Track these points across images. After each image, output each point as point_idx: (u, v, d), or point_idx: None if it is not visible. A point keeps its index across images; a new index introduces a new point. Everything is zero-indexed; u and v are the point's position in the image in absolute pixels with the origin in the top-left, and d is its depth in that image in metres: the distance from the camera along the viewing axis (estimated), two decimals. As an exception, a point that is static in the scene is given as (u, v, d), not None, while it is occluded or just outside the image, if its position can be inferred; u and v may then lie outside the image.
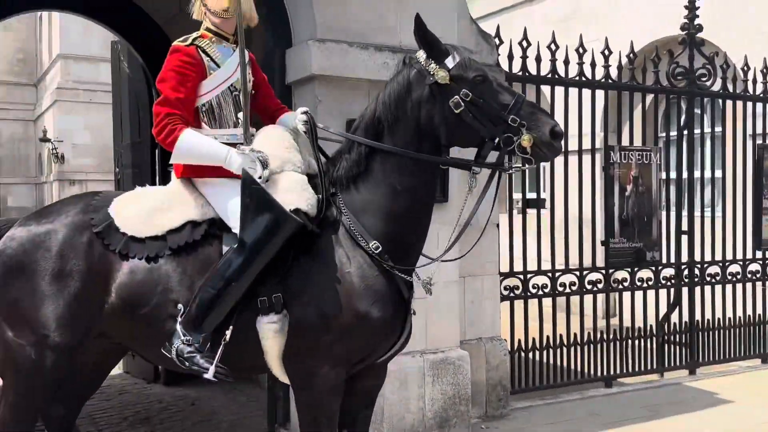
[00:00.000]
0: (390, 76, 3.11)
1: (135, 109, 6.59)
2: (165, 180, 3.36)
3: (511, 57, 5.63)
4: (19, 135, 25.72)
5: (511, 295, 5.66)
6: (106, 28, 7.27)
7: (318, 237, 2.94)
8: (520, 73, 5.68)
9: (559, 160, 6.12)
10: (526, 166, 2.91)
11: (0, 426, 3.07)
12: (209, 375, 2.82)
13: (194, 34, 3.18)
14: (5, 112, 24.62)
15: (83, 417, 4.65)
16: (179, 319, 2.93)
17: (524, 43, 5.65)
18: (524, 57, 5.67)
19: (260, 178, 2.91)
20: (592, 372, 6.12)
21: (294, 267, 2.93)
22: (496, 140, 2.84)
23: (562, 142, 2.92)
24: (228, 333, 2.87)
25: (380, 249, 2.90)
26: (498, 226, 5.52)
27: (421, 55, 2.92)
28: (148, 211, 3.06)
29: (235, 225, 2.94)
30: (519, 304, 5.71)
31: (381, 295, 2.90)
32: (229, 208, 2.99)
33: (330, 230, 2.95)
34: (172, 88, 3.04)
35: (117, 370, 6.72)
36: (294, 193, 2.90)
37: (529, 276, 5.75)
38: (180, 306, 2.95)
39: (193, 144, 2.99)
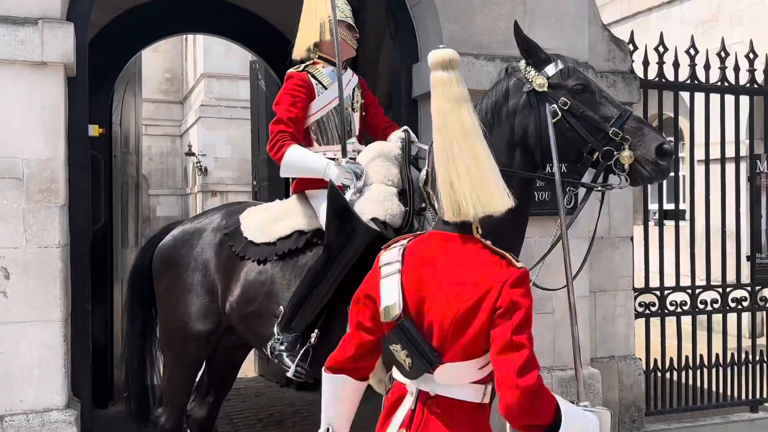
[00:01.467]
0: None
1: (271, 125, 6.91)
2: (297, 193, 3.67)
3: (646, 63, 5.41)
4: (167, 149, 27.49)
5: (647, 312, 5.41)
6: (245, 49, 7.70)
7: None
8: (657, 80, 5.44)
9: (699, 169, 5.81)
10: (622, 185, 2.76)
11: (163, 392, 3.59)
12: (289, 373, 3.00)
13: (308, 62, 3.42)
14: (155, 128, 26.37)
15: (222, 417, 4.91)
16: (277, 319, 3.12)
17: (660, 48, 5.41)
18: (660, 63, 5.42)
19: (354, 188, 3.05)
20: (735, 395, 5.72)
21: None
22: (595, 155, 2.70)
23: (670, 163, 2.69)
24: (313, 336, 2.99)
25: None
26: (632, 239, 5.30)
27: (522, 63, 2.87)
28: (266, 220, 3.34)
29: None
30: (655, 322, 5.44)
31: None
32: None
33: None
34: (285, 109, 3.27)
35: (252, 373, 7.05)
36: (375, 203, 2.99)
37: (666, 292, 5.47)
38: (281, 308, 3.13)
39: (296, 158, 3.19)
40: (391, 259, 1.97)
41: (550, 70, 2.78)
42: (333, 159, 3.22)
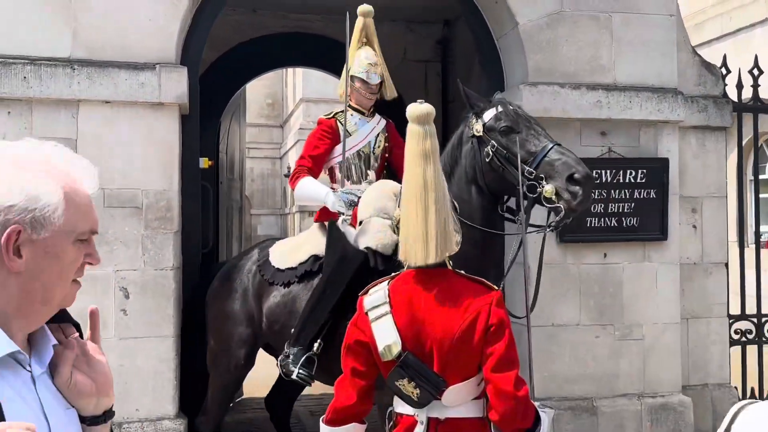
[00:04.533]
0: (602, 114, 3.66)
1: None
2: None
3: (740, 86, 5.32)
4: (268, 171, 28.49)
5: (743, 339, 5.28)
6: (337, 79, 8.04)
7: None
8: (751, 103, 5.34)
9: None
10: (563, 221, 2.96)
11: (207, 409, 4.10)
12: (293, 375, 3.41)
13: (339, 109, 3.91)
14: (257, 151, 27.38)
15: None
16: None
17: (755, 71, 5.32)
18: (755, 86, 5.32)
19: (343, 215, 3.58)
20: (844, 429, 5.46)
21: None
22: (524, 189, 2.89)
23: (584, 189, 2.88)
24: (316, 345, 3.39)
25: None
26: (726, 265, 5.20)
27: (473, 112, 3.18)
28: (290, 248, 3.84)
29: None
30: (752, 350, 5.30)
31: None
32: None
33: None
34: (311, 147, 3.86)
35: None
36: (368, 234, 3.37)
37: (764, 320, 5.32)
38: None
39: (303, 188, 3.79)
40: (377, 302, 2.13)
41: (488, 115, 3.08)
42: (332, 189, 3.77)
